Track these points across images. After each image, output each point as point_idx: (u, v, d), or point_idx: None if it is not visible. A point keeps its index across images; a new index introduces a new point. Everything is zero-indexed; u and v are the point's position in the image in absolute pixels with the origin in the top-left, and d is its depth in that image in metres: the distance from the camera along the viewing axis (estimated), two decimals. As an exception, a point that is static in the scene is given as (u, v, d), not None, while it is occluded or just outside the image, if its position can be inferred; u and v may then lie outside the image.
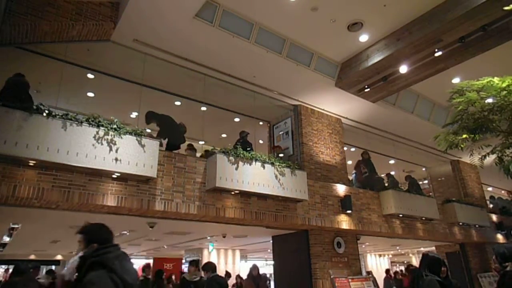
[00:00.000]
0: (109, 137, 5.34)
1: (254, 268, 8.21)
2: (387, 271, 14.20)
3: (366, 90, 8.33)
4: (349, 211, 8.38)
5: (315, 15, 6.55)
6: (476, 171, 14.01)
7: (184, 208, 6.07)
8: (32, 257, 15.77)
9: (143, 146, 5.62)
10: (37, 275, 7.25)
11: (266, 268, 18.82)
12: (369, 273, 12.91)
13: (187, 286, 5.73)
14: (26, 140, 4.62)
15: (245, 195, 6.84)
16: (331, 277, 7.77)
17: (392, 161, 12.68)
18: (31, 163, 4.76)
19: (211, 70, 7.42)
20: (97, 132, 5.25)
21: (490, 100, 5.23)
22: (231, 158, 6.60)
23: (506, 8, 4.58)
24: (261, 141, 10.29)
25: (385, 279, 13.36)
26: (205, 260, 13.47)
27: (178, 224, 7.81)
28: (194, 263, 6.00)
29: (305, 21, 6.71)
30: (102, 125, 5.32)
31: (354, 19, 6.73)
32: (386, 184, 10.24)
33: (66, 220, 7.27)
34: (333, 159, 9.13)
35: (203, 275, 5.57)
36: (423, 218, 10.22)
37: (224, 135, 10.66)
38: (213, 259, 13.90)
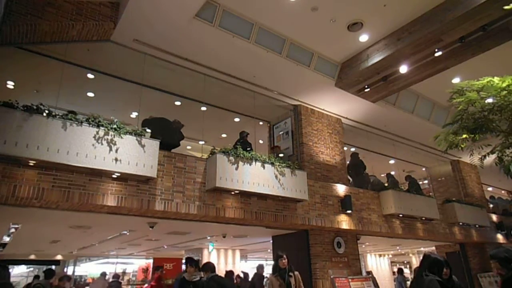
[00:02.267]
0: (109, 137, 5.34)
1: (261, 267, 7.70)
2: (400, 270, 14.03)
3: (366, 90, 8.33)
4: (349, 211, 8.38)
5: (315, 15, 6.55)
6: (476, 171, 14.02)
7: (184, 208, 6.07)
8: (32, 257, 15.78)
9: (143, 146, 5.62)
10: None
11: (266, 268, 18.83)
12: (369, 273, 12.90)
13: (186, 286, 5.72)
14: (26, 140, 4.62)
15: (245, 195, 6.84)
16: (331, 277, 7.77)
17: (392, 161, 12.68)
18: (31, 163, 4.76)
19: (211, 70, 7.42)
20: (97, 132, 5.25)
21: (490, 100, 5.22)
22: (231, 158, 6.60)
23: (506, 7, 4.57)
24: (261, 141, 10.29)
25: (398, 278, 13.20)
26: (205, 260, 13.49)
27: (178, 224, 7.81)
28: (194, 264, 5.99)
29: (305, 21, 6.71)
30: (102, 125, 5.32)
31: (354, 19, 6.73)
32: (386, 184, 10.25)
33: (66, 220, 7.27)
34: (333, 159, 9.13)
35: (203, 275, 5.56)
36: (423, 218, 10.22)
37: (224, 135, 10.67)
38: (213, 259, 13.90)
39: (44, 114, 4.88)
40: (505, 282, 3.12)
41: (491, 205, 14.85)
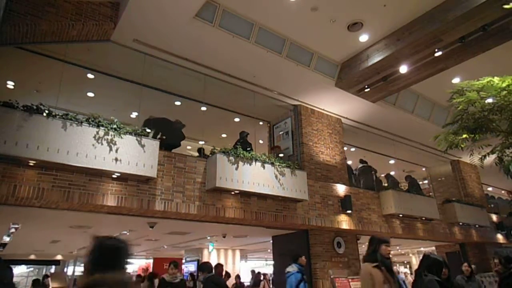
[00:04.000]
0: (109, 137, 5.34)
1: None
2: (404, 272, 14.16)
3: (366, 90, 8.33)
4: (349, 211, 8.38)
5: (315, 15, 6.55)
6: (476, 171, 14.01)
7: (184, 208, 6.07)
8: (32, 257, 15.77)
9: (143, 146, 5.62)
10: None
11: (266, 268, 18.84)
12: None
13: (164, 287, 5.63)
14: (26, 140, 4.63)
15: (245, 195, 6.84)
16: (331, 277, 7.77)
17: (392, 161, 12.67)
18: (31, 163, 4.76)
19: (211, 70, 7.42)
20: (97, 132, 5.25)
21: (490, 100, 5.23)
22: (231, 158, 6.60)
23: (506, 6, 4.57)
24: (261, 141, 10.28)
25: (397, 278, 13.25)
26: (205, 260, 13.48)
27: (178, 224, 7.81)
28: (173, 265, 5.87)
29: (305, 21, 6.71)
30: (102, 125, 5.33)
31: (354, 19, 6.73)
32: (386, 184, 10.25)
33: (66, 220, 7.28)
34: (333, 159, 9.13)
35: (201, 278, 5.48)
36: (423, 218, 10.22)
37: (224, 135, 10.67)
38: (213, 259, 13.90)
39: (44, 114, 4.89)
40: (503, 280, 3.15)
41: (491, 205, 14.86)
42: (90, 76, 7.32)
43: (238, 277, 12.09)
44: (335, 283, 7.69)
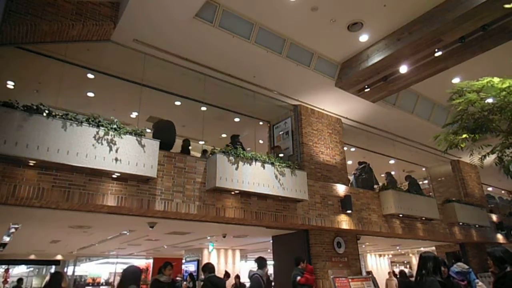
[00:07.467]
0: (109, 137, 5.34)
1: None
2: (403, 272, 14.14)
3: (366, 90, 8.33)
4: (349, 211, 8.38)
5: (315, 15, 6.55)
6: (476, 171, 14.02)
7: (184, 208, 6.06)
8: (32, 257, 15.78)
9: (143, 146, 5.62)
10: None
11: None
12: (369, 273, 12.90)
13: (159, 285, 5.58)
14: (26, 140, 4.62)
15: (245, 195, 6.83)
16: (331, 277, 7.77)
17: (392, 161, 12.68)
18: (31, 163, 4.76)
19: (211, 70, 7.42)
20: (97, 132, 5.25)
21: (490, 100, 5.23)
22: (231, 158, 6.60)
23: (506, 6, 4.56)
24: (261, 141, 10.29)
25: (401, 280, 13.22)
26: (205, 260, 13.48)
27: (178, 224, 7.81)
28: (170, 266, 5.82)
29: (305, 21, 6.71)
30: (102, 125, 5.32)
31: (354, 19, 6.73)
32: (385, 184, 10.25)
33: (66, 220, 7.28)
34: (333, 159, 9.13)
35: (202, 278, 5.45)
36: (423, 218, 10.22)
37: (224, 135, 10.67)
38: (213, 259, 13.90)
39: (44, 114, 4.88)
40: (498, 280, 3.15)
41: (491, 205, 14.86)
42: (90, 76, 7.32)
43: (237, 277, 12.07)
44: (335, 283, 7.69)
